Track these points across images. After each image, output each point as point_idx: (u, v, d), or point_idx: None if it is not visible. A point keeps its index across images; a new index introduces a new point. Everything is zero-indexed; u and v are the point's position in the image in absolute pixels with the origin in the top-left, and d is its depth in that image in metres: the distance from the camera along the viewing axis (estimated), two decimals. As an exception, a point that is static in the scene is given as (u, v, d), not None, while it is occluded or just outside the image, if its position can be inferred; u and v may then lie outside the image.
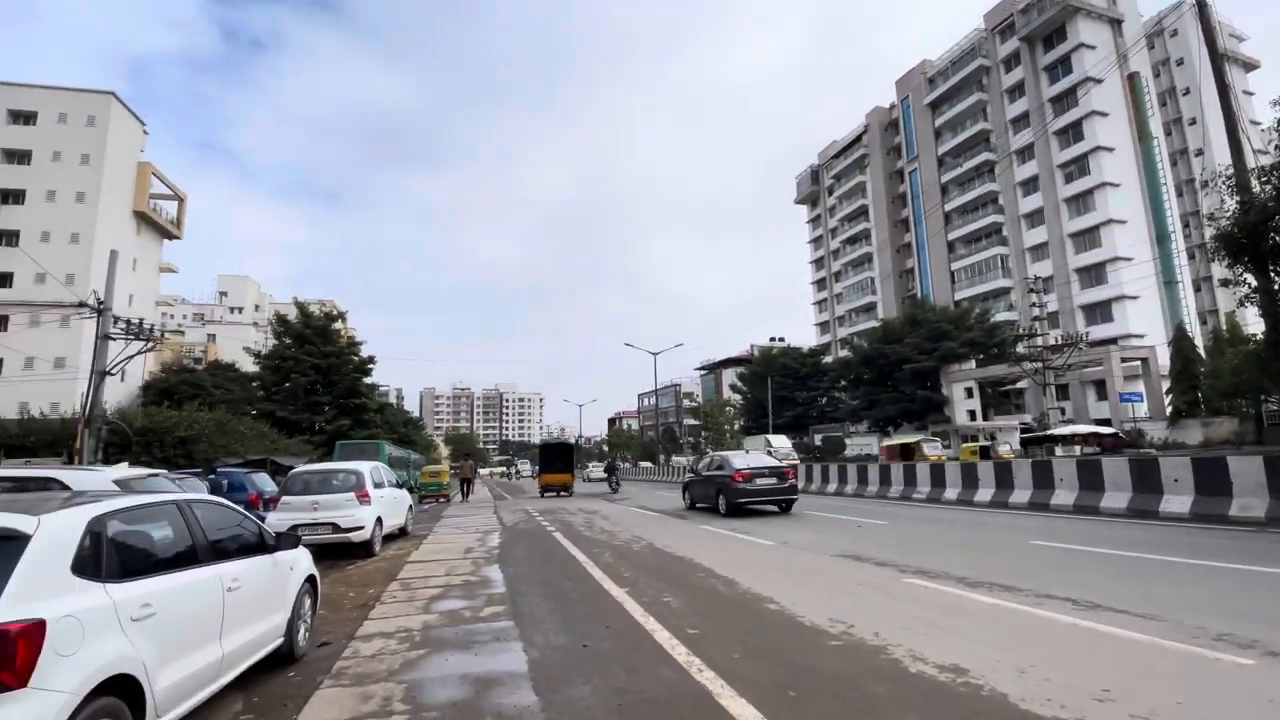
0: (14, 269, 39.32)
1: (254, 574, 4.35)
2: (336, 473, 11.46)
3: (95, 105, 43.33)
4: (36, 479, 6.91)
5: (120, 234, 42.93)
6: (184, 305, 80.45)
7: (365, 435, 35.92)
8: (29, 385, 37.20)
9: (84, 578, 2.89)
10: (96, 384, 17.05)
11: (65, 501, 3.32)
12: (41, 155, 41.60)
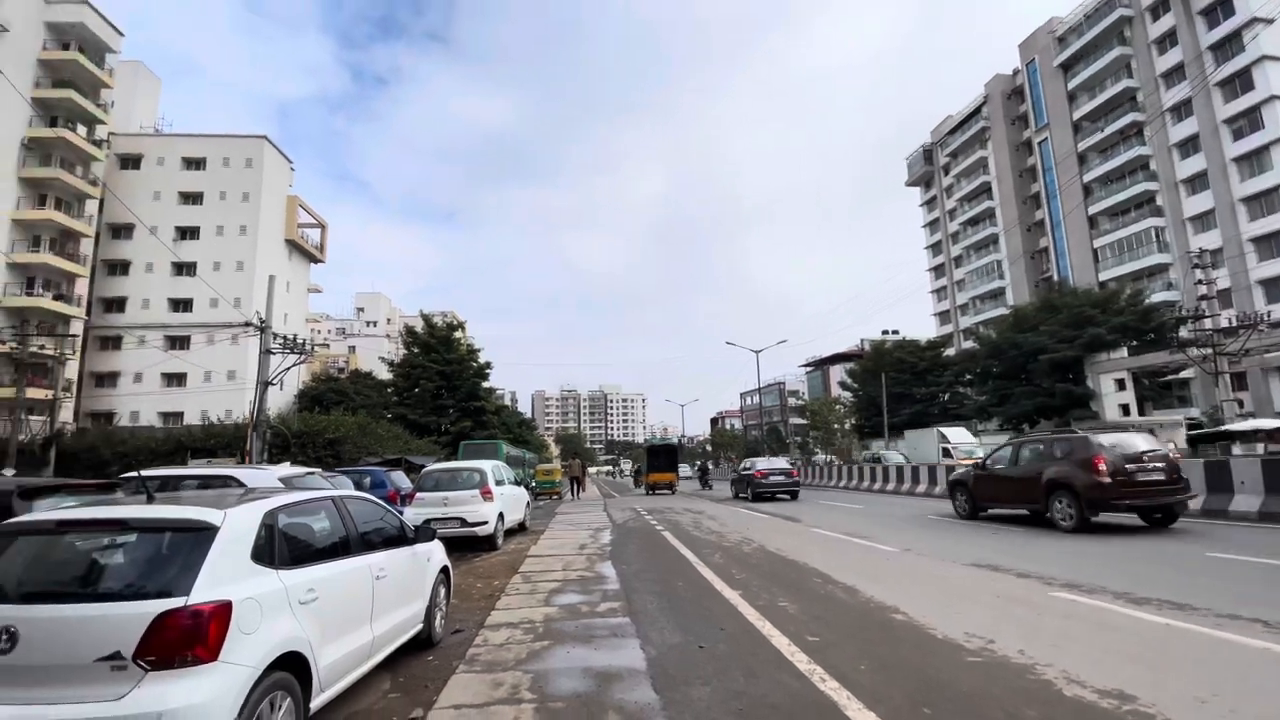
0: (193, 295, 45.82)
1: (397, 564, 4.75)
2: (462, 471, 12.28)
3: (251, 149, 49.54)
4: (218, 476, 7.98)
5: (275, 260, 48.74)
6: (328, 321, 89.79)
7: (485, 436, 38.18)
8: (208, 395, 43.20)
9: (260, 565, 3.29)
10: (261, 393, 19.43)
11: (242, 498, 3.80)
12: (211, 195, 48.20)
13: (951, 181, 72.00)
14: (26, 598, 2.92)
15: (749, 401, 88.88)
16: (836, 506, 18.05)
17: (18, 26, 39.16)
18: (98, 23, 43.27)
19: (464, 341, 48.57)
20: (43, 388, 33.62)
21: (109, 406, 44.10)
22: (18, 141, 39.66)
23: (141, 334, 43.89)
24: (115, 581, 3.07)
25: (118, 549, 3.20)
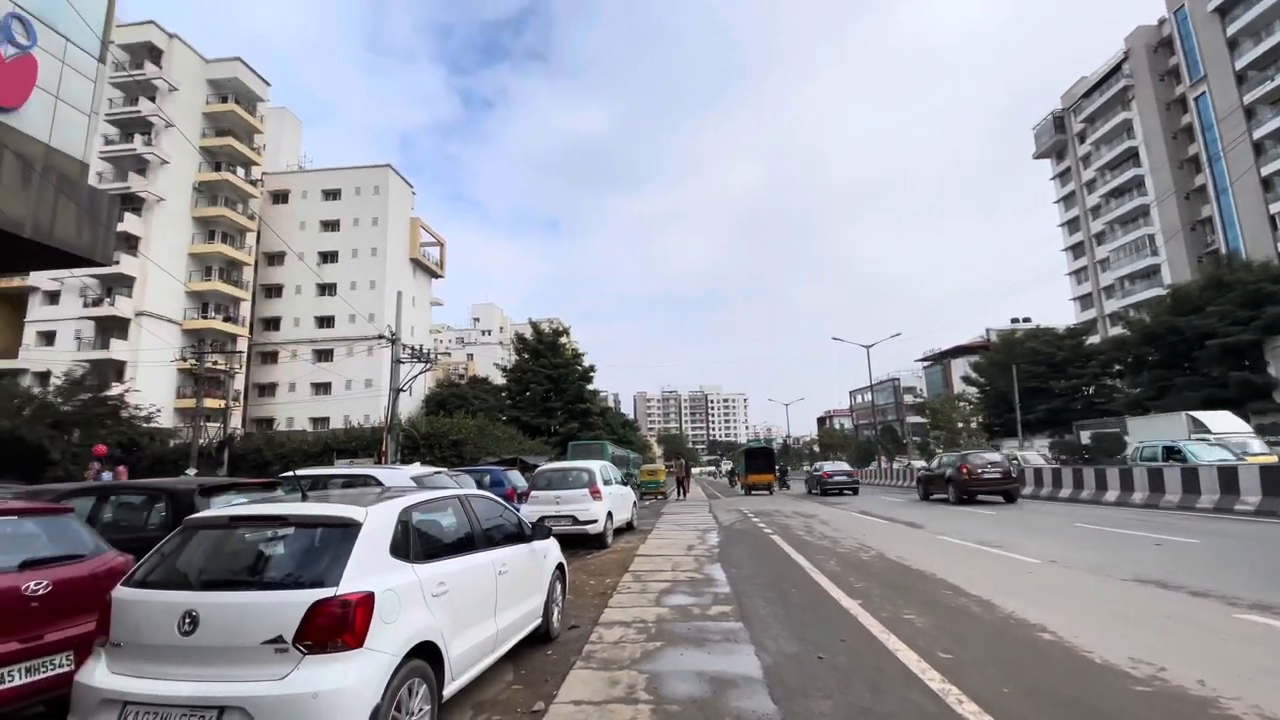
0: (335, 313, 50.99)
1: (517, 560, 4.96)
2: (572, 470, 12.69)
3: (378, 177, 54.36)
4: (360, 476, 8.77)
5: (402, 278, 53.12)
6: (449, 331, 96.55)
7: (591, 436, 39.29)
8: (350, 402, 47.86)
9: (397, 559, 3.54)
10: (393, 399, 21.21)
11: (379, 496, 4.12)
12: (346, 222, 53.42)
13: (1089, 150, 64.45)
14: (206, 585, 3.32)
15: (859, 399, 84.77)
16: (971, 513, 16.74)
17: (185, 86, 45.62)
18: (249, 76, 49.42)
19: (569, 346, 50.29)
20: (217, 398, 38.83)
21: (269, 413, 50.12)
22: (190, 186, 46.14)
23: (293, 349, 49.53)
24: (277, 571, 3.43)
25: (279, 542, 3.58)
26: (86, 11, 14.25)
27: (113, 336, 40.92)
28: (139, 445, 28.79)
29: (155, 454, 29.02)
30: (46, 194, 12.47)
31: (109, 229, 14.32)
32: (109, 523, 6.43)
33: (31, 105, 12.79)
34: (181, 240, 45.27)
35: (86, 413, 27.18)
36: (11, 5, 12.40)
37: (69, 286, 40.41)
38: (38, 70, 12.97)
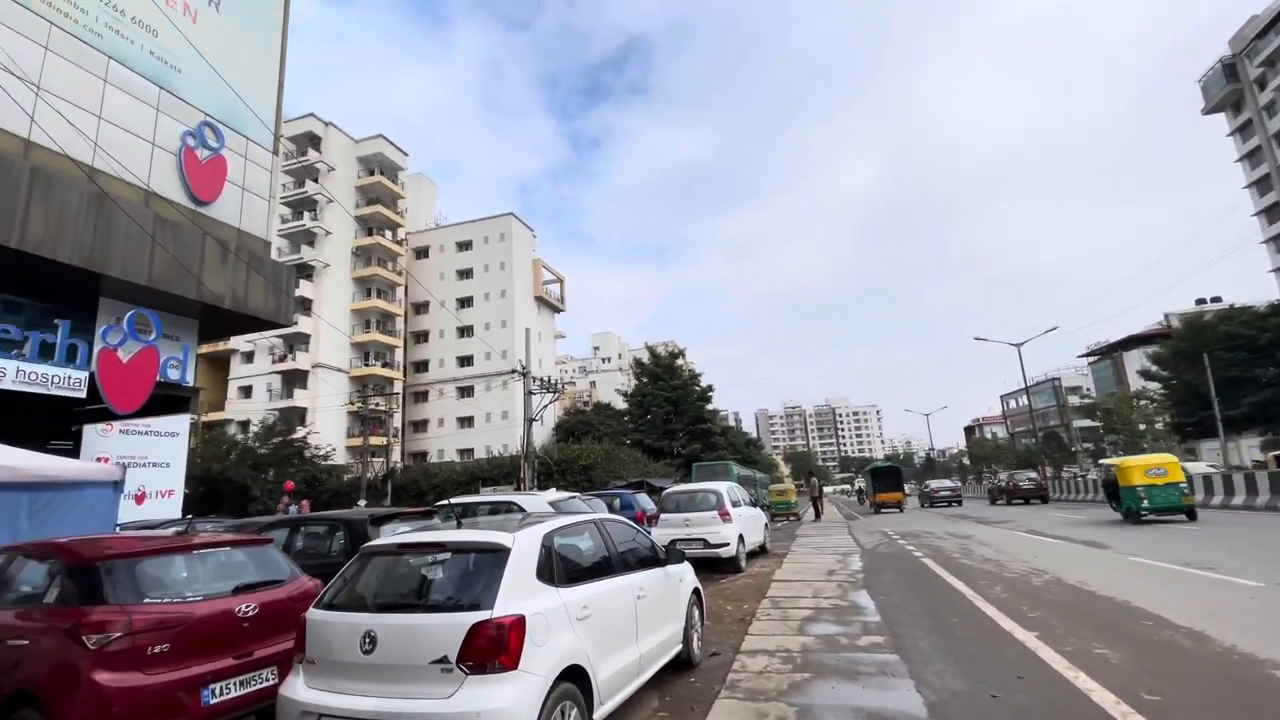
0: (473, 352, 55.29)
1: (654, 585, 4.97)
2: (699, 492, 12.59)
3: (502, 225, 58.68)
4: (503, 502, 9.30)
5: (528, 315, 56.58)
6: (572, 361, 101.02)
7: (714, 457, 38.89)
8: (490, 433, 51.34)
9: (543, 583, 3.69)
10: (527, 429, 22.44)
11: (522, 522, 4.33)
12: (478, 269, 58.06)
13: (1272, 96, 54.46)
14: (381, 608, 3.66)
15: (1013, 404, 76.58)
16: (1170, 527, 14.43)
17: (340, 165, 52.42)
18: (391, 150, 55.79)
19: (686, 367, 50.46)
20: (380, 436, 43.35)
21: (423, 447, 55.05)
22: (349, 251, 52.60)
23: (440, 387, 54.29)
24: (439, 595, 3.70)
25: (439, 567, 3.87)
26: (261, 112, 16.95)
27: (295, 387, 47.32)
28: (320, 481, 32.81)
29: (333, 488, 32.89)
30: (240, 271, 14.83)
31: (289, 296, 16.73)
32: (300, 550, 7.35)
33: (224, 197, 15.38)
34: (344, 299, 51.64)
35: (278, 454, 31.53)
36: (203, 115, 15.10)
37: (260, 347, 47.45)
38: (227, 168, 15.60)
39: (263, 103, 16.84)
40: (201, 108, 15.03)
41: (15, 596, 4.39)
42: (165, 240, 12.78)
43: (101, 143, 12.34)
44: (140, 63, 13.89)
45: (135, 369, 12.04)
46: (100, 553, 4.17)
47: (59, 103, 11.71)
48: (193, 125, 14.69)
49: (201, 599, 4.21)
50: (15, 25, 11.51)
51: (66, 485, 7.07)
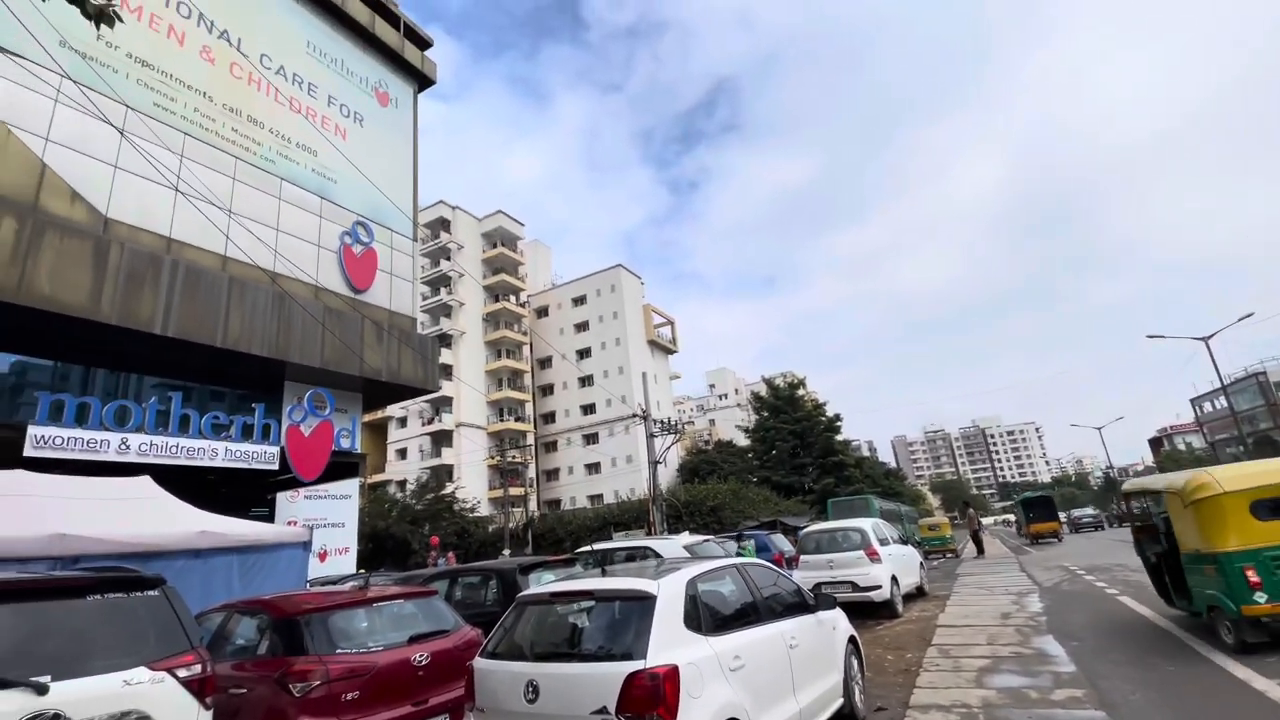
0: (595, 400, 57.24)
1: (806, 633, 4.71)
2: (840, 531, 11.85)
3: (612, 276, 61.14)
4: (639, 548, 9.34)
5: (642, 360, 57.85)
6: (689, 401, 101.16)
7: (850, 491, 36.65)
8: (616, 478, 52.32)
9: (691, 631, 3.62)
10: (652, 472, 22.60)
11: (661, 568, 4.32)
12: (593, 320, 60.64)
13: None
14: (539, 656, 3.77)
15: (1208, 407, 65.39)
16: None
17: (467, 242, 57.65)
18: (509, 223, 60.63)
19: (808, 398, 48.61)
20: (518, 487, 45.71)
21: (556, 495, 57.18)
22: (480, 318, 57.13)
23: (567, 436, 56.51)
24: (591, 643, 3.76)
25: (588, 615, 3.95)
26: (402, 206, 19.20)
27: (443, 446, 51.43)
28: (469, 533, 35.04)
29: (480, 539, 34.96)
30: (393, 347, 16.62)
31: (434, 364, 18.45)
32: (459, 600, 7.84)
33: (376, 284, 17.45)
34: (479, 362, 55.93)
35: (432, 510, 34.20)
36: (356, 215, 17.39)
37: (411, 412, 52.32)
38: (378, 258, 17.75)
39: (402, 198, 19.12)
40: (354, 210, 17.34)
41: (233, 649, 5.05)
42: (333, 326, 14.67)
43: (280, 250, 14.57)
44: (305, 179, 16.36)
45: (315, 441, 13.75)
46: (299, 608, 4.71)
47: (246, 222, 14.03)
48: (348, 225, 16.95)
49: (382, 649, 4.59)
50: (211, 164, 14.07)
51: (267, 547, 8.12)
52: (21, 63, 11.05)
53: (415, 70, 21.30)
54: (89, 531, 6.16)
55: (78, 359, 12.27)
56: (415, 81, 21.50)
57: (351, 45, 19.27)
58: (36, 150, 11.25)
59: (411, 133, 20.85)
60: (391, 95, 20.36)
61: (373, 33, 19.68)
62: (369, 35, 19.63)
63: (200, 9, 14.84)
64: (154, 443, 11.26)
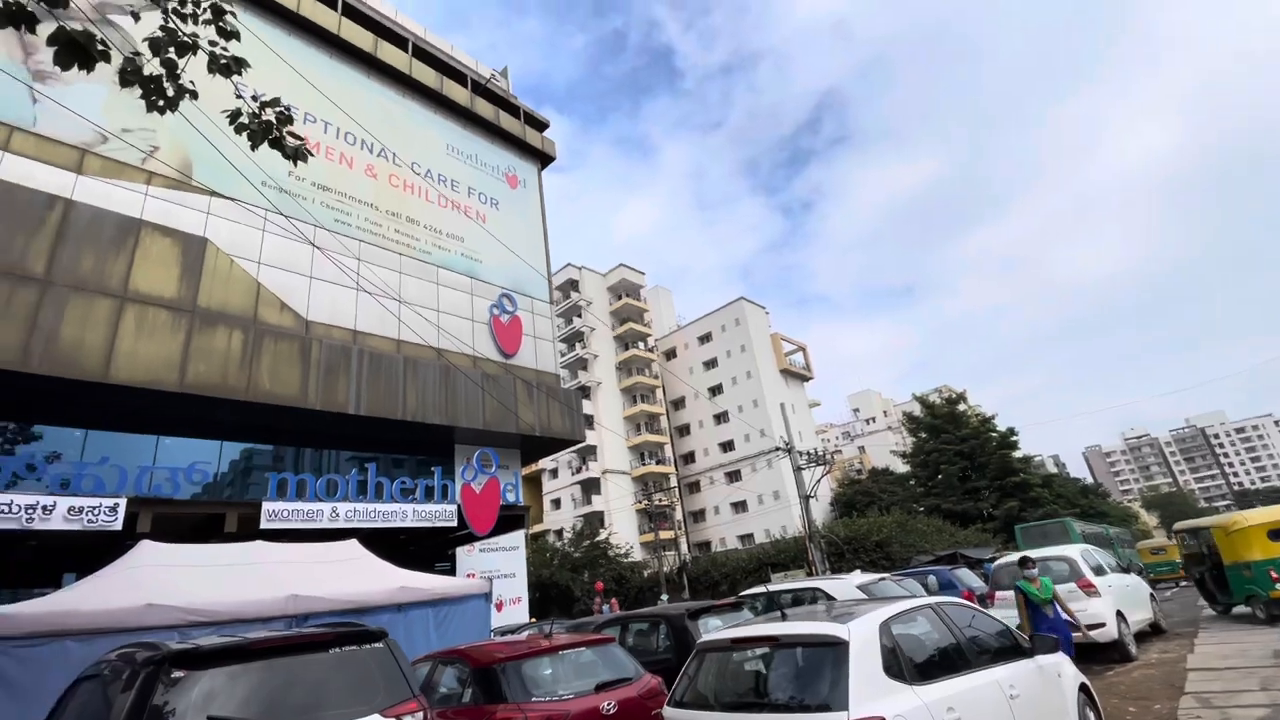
0: (732, 437, 56.40)
1: (1026, 680, 4.15)
2: (1042, 561, 10.37)
3: (734, 311, 60.85)
4: (807, 589, 8.86)
5: (776, 391, 56.31)
6: (833, 429, 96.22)
7: (1040, 515, 32.29)
8: (765, 516, 50.62)
9: (893, 679, 3.33)
10: (805, 507, 21.57)
11: (842, 610, 4.05)
12: (721, 357, 60.42)
13: None
14: (726, 706, 3.67)
15: None
16: None
17: (595, 297, 60.61)
18: (631, 273, 63.08)
19: (972, 412, 44.12)
20: (666, 530, 45.77)
21: (705, 537, 56.46)
22: (613, 367, 59.25)
23: (709, 475, 55.97)
24: (781, 693, 3.59)
25: (772, 662, 3.79)
26: (538, 275, 20.74)
27: (592, 494, 53.23)
28: (625, 579, 35.53)
29: (637, 584, 35.27)
30: (541, 402, 17.70)
31: (579, 415, 19.36)
32: (631, 647, 7.89)
33: (523, 347, 18.84)
34: (617, 409, 57.77)
35: (589, 557, 35.23)
36: (500, 288, 19.04)
37: (561, 462, 54.97)
38: (522, 324, 19.20)
39: (537, 267, 20.72)
40: (498, 283, 19.05)
41: (440, 697, 5.47)
42: (491, 390, 16.00)
43: (441, 327, 16.29)
44: (456, 263, 18.29)
45: (486, 497, 14.88)
46: (493, 657, 5.02)
47: (414, 307, 15.90)
48: (494, 298, 18.61)
49: (573, 696, 4.73)
50: (382, 263, 16.20)
51: (455, 599, 8.80)
52: (238, 204, 13.66)
53: (537, 151, 23.29)
54: (315, 591, 7.08)
55: (290, 441, 14.45)
56: (538, 160, 23.48)
57: (482, 140, 21.58)
58: (252, 273, 13.72)
59: (539, 207, 22.68)
60: (520, 177, 22.38)
61: (498, 126, 21.91)
62: (495, 128, 21.88)
63: (362, 136, 17.49)
64: (357, 509, 12.83)
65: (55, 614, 5.31)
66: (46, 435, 11.44)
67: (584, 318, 58.12)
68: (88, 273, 11.11)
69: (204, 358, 11.94)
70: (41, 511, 9.22)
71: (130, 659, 3.28)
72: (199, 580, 6.73)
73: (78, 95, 11.95)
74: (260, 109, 5.93)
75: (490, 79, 23.33)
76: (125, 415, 12.04)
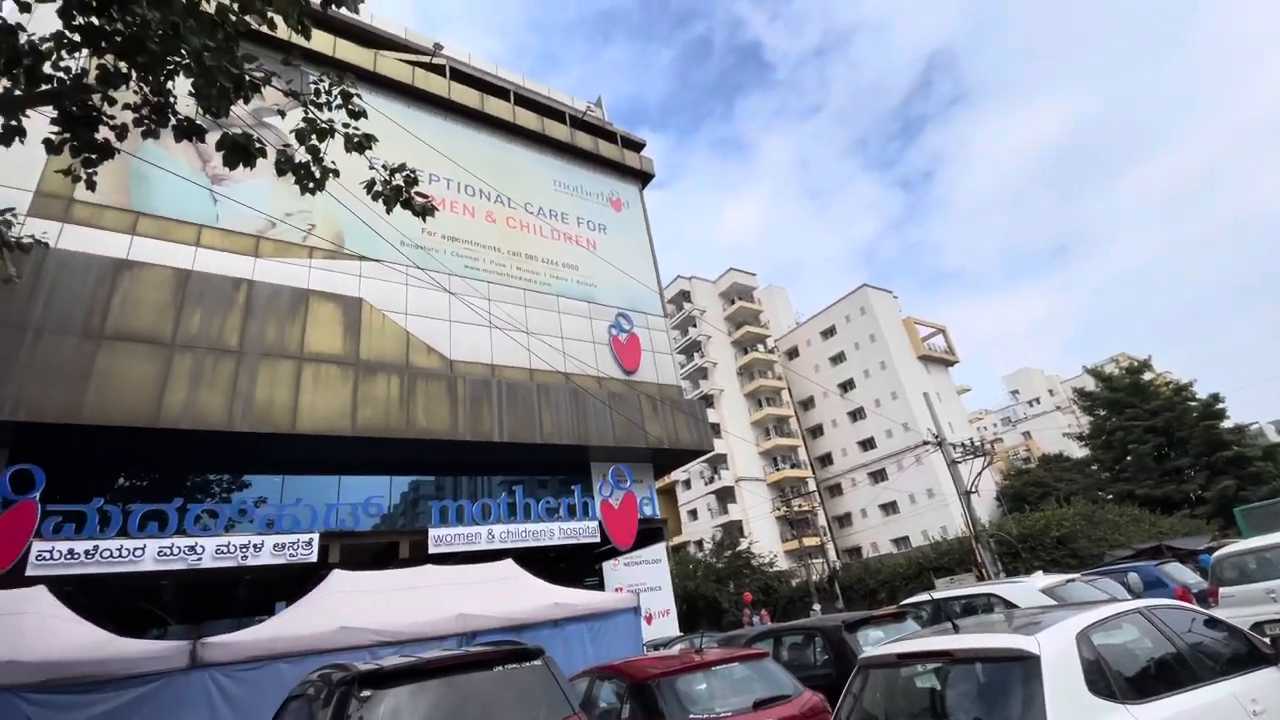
0: (871, 434, 53.15)
1: (1271, 692, 3.40)
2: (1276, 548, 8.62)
3: (858, 300, 57.63)
4: (980, 595, 8.02)
5: (917, 379, 52.34)
6: (989, 415, 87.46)
7: (1265, 493, 26.97)
8: (921, 516, 46.98)
9: (1100, 698, 2.87)
10: (966, 503, 19.70)
11: (1028, 619, 3.57)
12: (848, 350, 57.38)
13: None
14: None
15: None
16: None
17: (708, 305, 60.30)
18: (742, 276, 62.17)
19: (1161, 381, 38.06)
20: (810, 536, 44.03)
21: (853, 542, 53.53)
22: (734, 372, 58.40)
23: (851, 478, 53.15)
24: (963, 714, 3.23)
25: (946, 679, 3.42)
26: (650, 292, 21.06)
27: (727, 502, 52.63)
28: (772, 589, 34.55)
29: (785, 594, 34.15)
30: (666, 415, 17.83)
31: (705, 424, 19.26)
32: (785, 661, 7.58)
33: (643, 363, 19.16)
34: (743, 415, 56.85)
35: (732, 567, 34.73)
36: (615, 309, 19.55)
37: (693, 473, 55.00)
38: (639, 341, 19.55)
39: (648, 283, 21.08)
40: (613, 304, 19.62)
41: (599, 712, 5.57)
42: (617, 407, 16.41)
43: (567, 353, 17.02)
44: (573, 291, 19.09)
45: (623, 512, 15.21)
46: (647, 673, 5.04)
47: (539, 337, 16.77)
48: (611, 319, 19.17)
49: (731, 713, 4.61)
50: (509, 300, 17.27)
51: (606, 614, 9.02)
52: (383, 264, 15.30)
53: (636, 171, 23.83)
54: (480, 610, 7.58)
55: (448, 471, 15.75)
56: (638, 181, 24.01)
57: (584, 170, 22.48)
58: (401, 323, 15.24)
59: (644, 225, 23.14)
60: (623, 199, 22.99)
61: (598, 154, 22.72)
62: (595, 157, 22.71)
63: (479, 186, 18.91)
64: (509, 530, 13.67)
65: (266, 640, 6.14)
66: (254, 483, 13.43)
67: (699, 327, 58.01)
68: (271, 341, 12.95)
69: (369, 403, 13.40)
70: (253, 550, 10.78)
71: (328, 679, 3.68)
72: (381, 604, 7.47)
73: (247, 190, 14.11)
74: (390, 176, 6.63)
75: (586, 111, 24.29)
76: (312, 460, 13.82)
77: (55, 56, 4.98)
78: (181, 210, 13.81)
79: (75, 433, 10.65)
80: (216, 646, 5.87)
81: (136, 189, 13.51)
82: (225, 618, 14.58)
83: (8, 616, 5.58)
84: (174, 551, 10.17)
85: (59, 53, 4.98)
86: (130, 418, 10.81)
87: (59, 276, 11.26)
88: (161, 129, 5.66)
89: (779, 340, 63.71)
